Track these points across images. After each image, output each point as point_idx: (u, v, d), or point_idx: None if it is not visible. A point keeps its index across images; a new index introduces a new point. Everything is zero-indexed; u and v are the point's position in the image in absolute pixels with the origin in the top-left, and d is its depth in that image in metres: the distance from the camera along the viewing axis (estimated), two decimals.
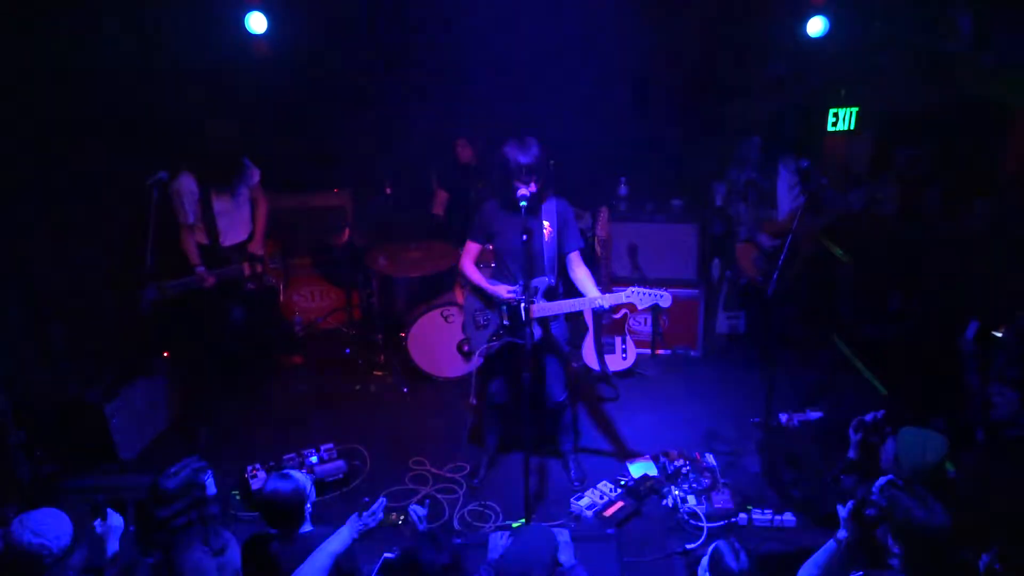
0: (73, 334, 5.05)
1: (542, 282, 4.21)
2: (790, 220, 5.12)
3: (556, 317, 4.35)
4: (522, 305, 4.12)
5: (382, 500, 3.16)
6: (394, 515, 4.26)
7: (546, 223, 4.19)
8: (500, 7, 6.15)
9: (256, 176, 5.14)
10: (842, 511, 2.94)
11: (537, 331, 4.20)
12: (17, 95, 4.66)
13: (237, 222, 5.07)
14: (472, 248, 4.36)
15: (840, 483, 3.14)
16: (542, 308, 4.16)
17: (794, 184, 5.27)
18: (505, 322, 4.29)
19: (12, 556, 2.88)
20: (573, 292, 4.33)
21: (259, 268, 5.11)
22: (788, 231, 4.79)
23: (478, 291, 4.38)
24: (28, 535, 2.85)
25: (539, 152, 3.99)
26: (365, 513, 3.09)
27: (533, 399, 4.09)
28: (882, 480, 3.02)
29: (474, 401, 4.50)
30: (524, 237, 3.90)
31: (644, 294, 4.00)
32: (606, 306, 4.11)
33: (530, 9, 6.17)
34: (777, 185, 5.35)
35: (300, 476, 3.22)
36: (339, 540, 3.04)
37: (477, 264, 4.40)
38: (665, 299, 4.01)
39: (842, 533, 2.93)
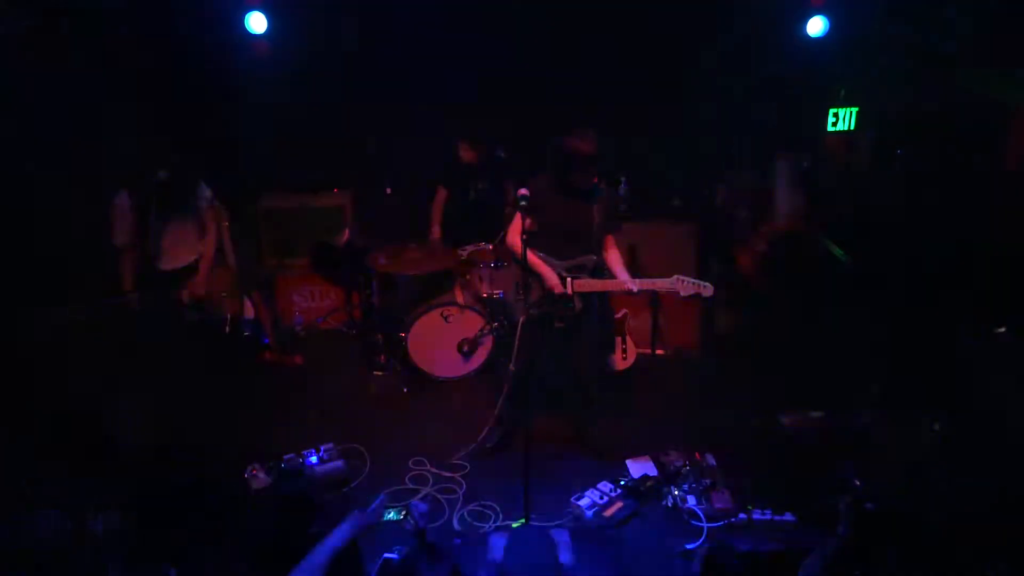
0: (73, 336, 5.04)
1: (589, 260, 4.48)
2: (789, 221, 5.13)
3: (597, 295, 4.59)
4: (568, 279, 4.42)
5: (381, 498, 3.17)
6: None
7: (597, 205, 4.46)
8: (501, 7, 6.17)
9: (205, 197, 4.80)
10: (841, 507, 2.95)
11: (577, 304, 4.49)
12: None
13: (179, 245, 4.75)
14: (521, 222, 4.48)
15: (839, 481, 3.15)
16: (585, 284, 4.44)
17: (796, 185, 5.28)
18: (547, 292, 4.48)
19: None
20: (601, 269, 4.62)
21: (201, 294, 4.75)
22: (788, 231, 4.81)
23: (525, 263, 4.48)
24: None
25: (598, 143, 4.30)
26: (368, 510, 3.09)
27: (571, 371, 4.51)
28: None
29: (512, 368, 4.58)
30: (588, 221, 4.34)
31: (688, 282, 4.26)
32: (644, 290, 4.36)
33: (530, 10, 6.20)
34: (776, 186, 5.35)
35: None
36: (338, 536, 3.04)
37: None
38: (708, 289, 4.27)
39: (842, 529, 2.94)
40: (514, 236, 4.57)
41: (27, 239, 4.65)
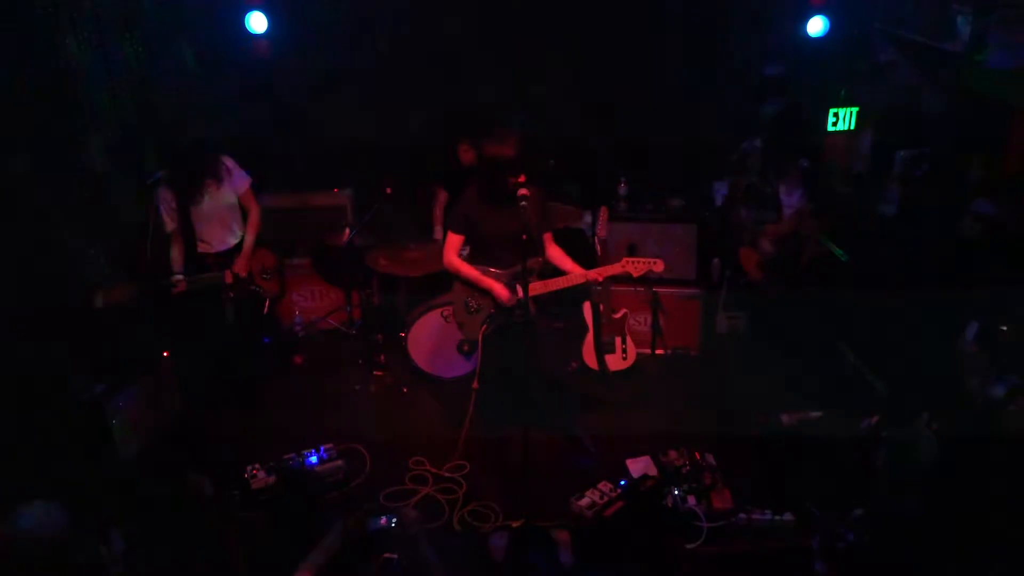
0: (73, 333, 5.04)
1: (536, 263, 4.43)
2: (791, 222, 5.12)
3: (549, 295, 4.57)
4: (517, 286, 4.35)
5: (368, 507, 3.14)
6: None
7: (528, 206, 4.30)
8: (502, 7, 6.18)
9: (244, 182, 5.01)
10: (814, 545, 2.94)
11: (531, 309, 4.46)
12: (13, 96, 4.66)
13: (219, 229, 4.95)
14: (455, 240, 4.51)
15: (814, 516, 3.13)
16: (539, 286, 4.43)
17: (796, 186, 5.27)
18: (499, 304, 4.44)
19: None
20: (549, 270, 4.64)
21: (243, 276, 4.98)
22: (789, 233, 4.80)
23: (468, 281, 4.53)
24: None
25: (520, 145, 4.23)
26: (350, 519, 3.05)
27: (535, 377, 4.44)
28: (856, 512, 3.02)
29: (476, 385, 4.58)
30: (523, 225, 4.13)
31: (638, 261, 4.31)
32: (599, 279, 4.38)
33: (530, 10, 6.20)
34: (779, 187, 5.35)
35: None
36: (324, 549, 3.00)
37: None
38: (658, 264, 4.32)
39: (819, 566, 2.93)
40: (450, 255, 4.53)
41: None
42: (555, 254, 4.61)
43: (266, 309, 5.15)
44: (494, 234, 4.40)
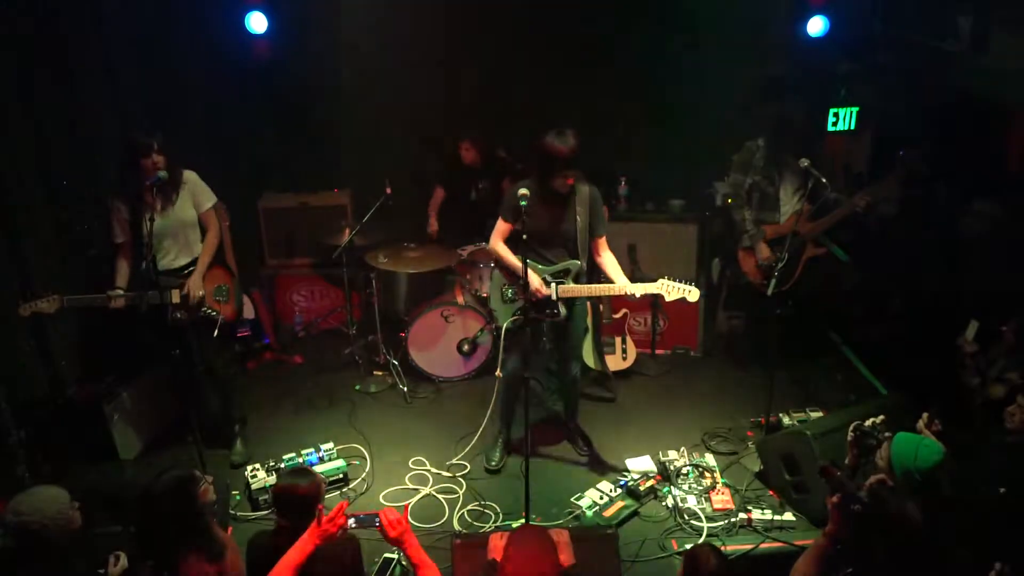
0: (73, 333, 5.05)
1: (574, 265, 4.37)
2: (792, 223, 5.11)
3: (581, 299, 4.53)
4: (554, 285, 4.32)
5: (341, 505, 3.12)
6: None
7: (579, 208, 4.32)
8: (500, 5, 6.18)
9: (208, 199, 4.61)
10: (829, 504, 2.96)
11: (563, 310, 4.42)
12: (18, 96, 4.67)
13: (175, 246, 4.54)
14: (504, 227, 4.44)
15: (831, 479, 3.14)
16: (571, 290, 4.36)
17: (798, 187, 5.26)
18: (533, 299, 4.35)
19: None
20: (596, 273, 4.58)
21: (192, 295, 4.49)
22: (790, 233, 4.79)
23: (508, 268, 4.46)
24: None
25: (577, 143, 4.13)
26: (325, 520, 3.03)
27: (552, 373, 4.40)
28: (873, 478, 3.04)
29: (499, 373, 4.57)
30: (571, 225, 4.25)
31: (674, 287, 4.16)
32: (637, 295, 4.25)
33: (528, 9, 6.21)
34: (780, 188, 5.34)
35: (319, 476, 3.34)
36: (298, 551, 2.99)
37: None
38: (693, 293, 4.17)
39: (829, 527, 2.95)
40: (495, 239, 4.47)
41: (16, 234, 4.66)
42: (606, 260, 4.44)
43: (215, 332, 4.62)
44: (541, 230, 4.28)
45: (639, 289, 4.20)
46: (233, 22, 5.91)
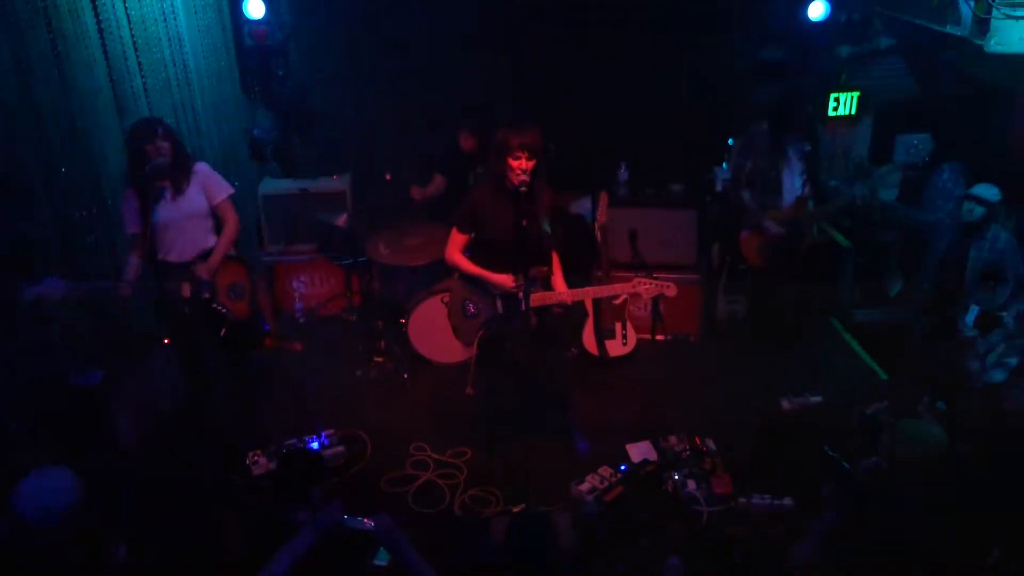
0: (75, 320, 5.04)
1: (540, 272, 4.21)
2: (794, 207, 5.10)
3: (552, 305, 4.31)
4: (521, 294, 4.06)
5: (336, 504, 3.12)
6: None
7: (542, 211, 4.18)
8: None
9: (221, 192, 4.51)
10: (826, 492, 2.97)
11: (533, 320, 4.22)
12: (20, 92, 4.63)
13: (183, 237, 4.43)
14: (460, 238, 4.27)
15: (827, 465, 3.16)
16: (542, 297, 4.17)
17: (800, 171, 5.25)
18: (500, 311, 4.25)
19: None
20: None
21: (205, 294, 4.40)
22: (792, 218, 4.78)
23: (470, 280, 4.32)
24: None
25: (536, 134, 3.96)
26: (318, 518, 3.02)
27: (531, 387, 4.15)
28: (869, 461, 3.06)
29: (470, 391, 4.53)
30: (523, 223, 3.92)
31: (650, 284, 4.08)
32: (607, 296, 4.17)
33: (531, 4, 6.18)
34: (783, 172, 5.33)
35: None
36: (292, 550, 2.99)
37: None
38: (670, 289, 4.09)
39: (827, 514, 2.96)
40: (452, 251, 4.27)
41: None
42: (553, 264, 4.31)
43: (223, 333, 4.48)
44: (499, 239, 4.11)
45: (611, 291, 4.16)
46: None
